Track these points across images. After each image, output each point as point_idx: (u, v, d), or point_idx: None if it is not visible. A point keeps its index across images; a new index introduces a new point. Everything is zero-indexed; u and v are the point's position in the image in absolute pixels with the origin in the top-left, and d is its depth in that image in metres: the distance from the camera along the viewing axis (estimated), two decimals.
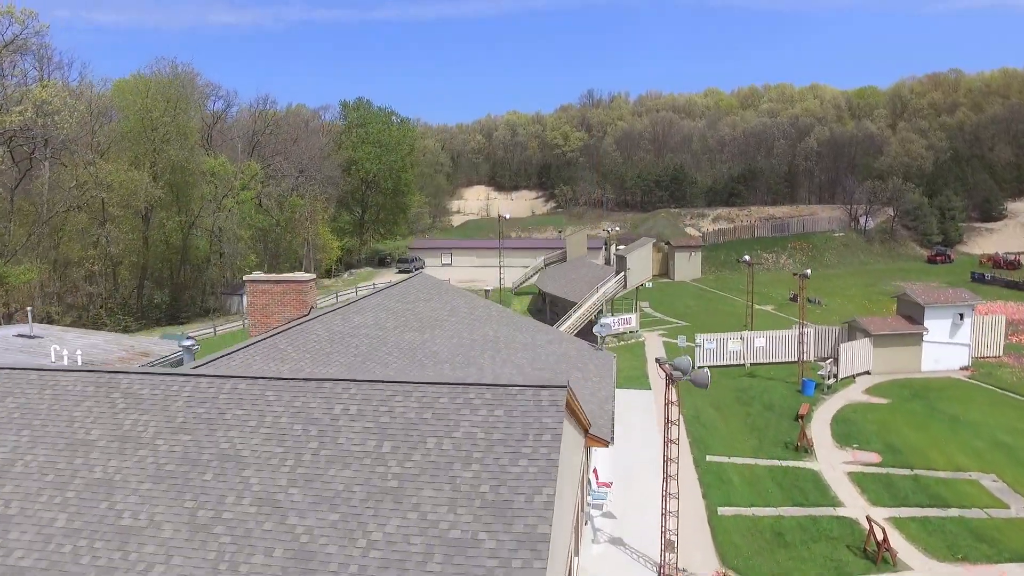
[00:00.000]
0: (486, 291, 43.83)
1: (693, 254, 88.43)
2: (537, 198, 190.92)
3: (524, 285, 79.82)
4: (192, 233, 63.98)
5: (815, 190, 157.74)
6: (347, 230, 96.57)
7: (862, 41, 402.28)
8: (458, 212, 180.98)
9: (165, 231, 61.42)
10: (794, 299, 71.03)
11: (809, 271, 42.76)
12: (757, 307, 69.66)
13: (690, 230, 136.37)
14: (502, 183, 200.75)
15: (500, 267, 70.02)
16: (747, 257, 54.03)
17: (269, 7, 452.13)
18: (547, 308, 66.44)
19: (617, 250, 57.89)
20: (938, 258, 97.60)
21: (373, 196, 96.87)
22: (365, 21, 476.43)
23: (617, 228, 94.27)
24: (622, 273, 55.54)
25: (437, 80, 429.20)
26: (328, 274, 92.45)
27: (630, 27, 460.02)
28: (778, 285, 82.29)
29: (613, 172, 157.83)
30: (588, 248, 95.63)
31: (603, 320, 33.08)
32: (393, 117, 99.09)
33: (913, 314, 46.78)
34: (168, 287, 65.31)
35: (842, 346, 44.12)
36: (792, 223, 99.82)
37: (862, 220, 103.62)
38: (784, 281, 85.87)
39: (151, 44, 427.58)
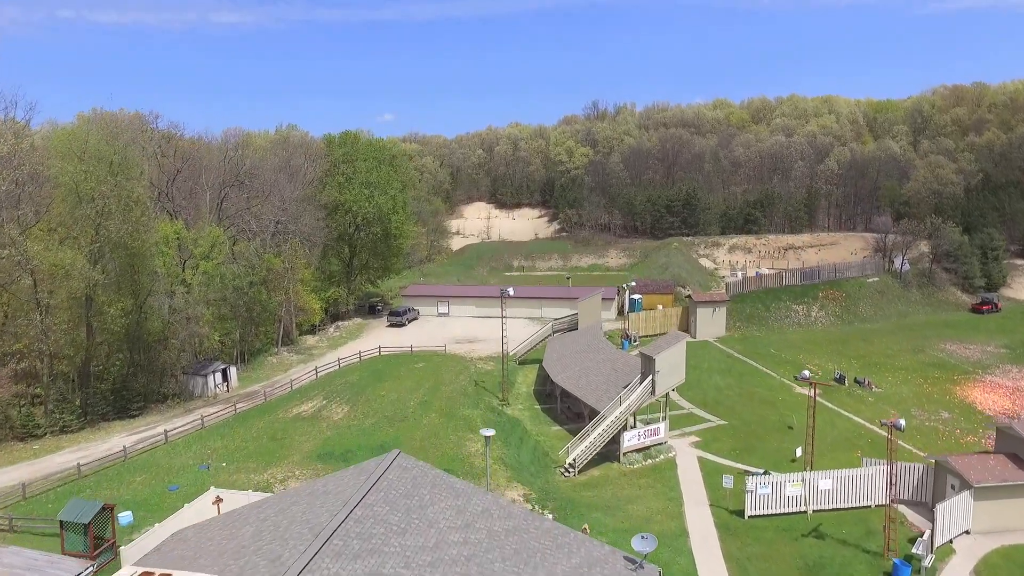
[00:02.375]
0: (486, 438, 34.08)
1: (717, 310, 78.51)
2: (540, 217, 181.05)
3: (530, 352, 69.97)
4: (144, 314, 54.17)
5: (834, 212, 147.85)
6: (334, 277, 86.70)
7: (865, 42, 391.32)
8: (457, 233, 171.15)
9: (109, 317, 51.57)
10: (840, 380, 61.17)
11: (903, 422, 32.77)
12: (797, 391, 59.95)
13: (704, 261, 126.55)
14: (503, 200, 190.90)
15: (503, 340, 60.07)
16: (806, 373, 44.08)
17: (272, 6, 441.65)
18: (558, 399, 56.55)
19: (643, 350, 47.86)
20: (984, 307, 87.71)
21: (363, 239, 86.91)
22: (366, 22, 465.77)
23: (633, 283, 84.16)
24: (649, 377, 45.70)
25: (438, 87, 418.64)
26: (313, 330, 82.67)
27: (635, 30, 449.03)
28: (816, 351, 72.36)
29: (621, 195, 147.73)
30: (602, 298, 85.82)
31: (641, 537, 23.56)
32: (384, 153, 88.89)
33: (1021, 453, 37.04)
34: (117, 376, 55.52)
35: (938, 508, 34.25)
36: (823, 270, 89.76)
37: (896, 262, 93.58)
38: (819, 342, 76.05)
39: (152, 44, 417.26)
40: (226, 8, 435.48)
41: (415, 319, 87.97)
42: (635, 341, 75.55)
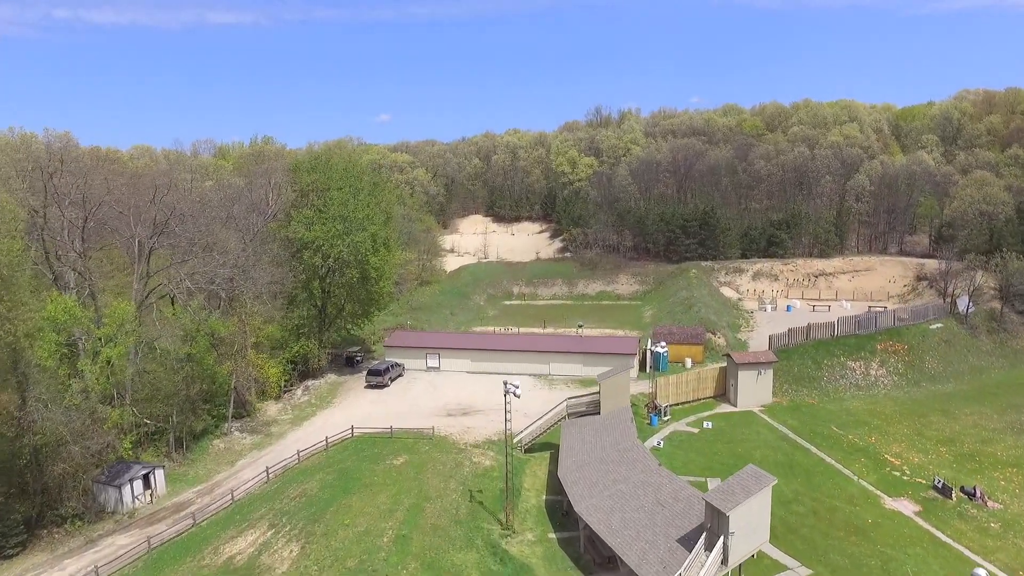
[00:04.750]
0: None
1: (763, 373, 63.99)
2: (541, 232, 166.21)
3: (540, 436, 55.29)
4: (21, 424, 39.43)
5: (863, 233, 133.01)
6: (303, 328, 71.77)
7: (868, 44, 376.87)
8: (452, 251, 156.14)
9: None
10: (944, 491, 46.50)
11: None
12: (888, 505, 45.44)
13: (726, 290, 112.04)
14: (501, 214, 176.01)
15: (508, 429, 45.29)
16: (981, 572, 29.45)
17: (270, 6, 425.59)
18: (580, 527, 41.72)
19: (708, 494, 33.21)
20: None
21: (337, 282, 72.12)
22: (364, 23, 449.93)
23: (663, 344, 69.54)
24: (720, 540, 31.24)
25: (435, 87, 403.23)
26: (278, 394, 67.84)
27: (634, 30, 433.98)
28: (888, 430, 57.79)
29: (631, 213, 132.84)
30: (620, 352, 71.36)
31: None
32: (362, 180, 73.63)
33: None
34: None
35: None
36: (880, 317, 75.09)
37: (961, 304, 79.18)
38: (889, 416, 61.47)
39: (150, 45, 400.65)
40: (223, 8, 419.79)
41: (399, 376, 73.19)
42: (665, 415, 60.98)
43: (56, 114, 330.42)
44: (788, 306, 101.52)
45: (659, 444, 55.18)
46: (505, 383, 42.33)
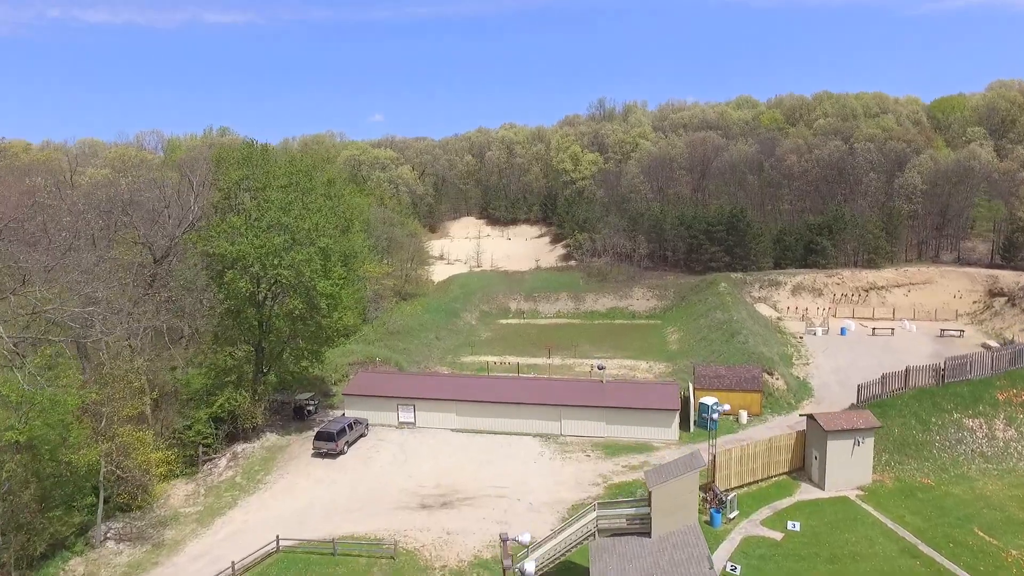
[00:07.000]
0: None
1: (861, 442, 45.10)
2: (541, 236, 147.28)
3: (558, 561, 36.00)
4: None
5: (909, 238, 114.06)
6: (231, 374, 52.38)
7: (869, 43, 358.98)
8: (441, 258, 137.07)
9: None
10: None
11: None
12: None
13: (762, 307, 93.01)
14: (496, 216, 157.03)
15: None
16: None
17: (265, 6, 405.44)
18: None
19: None
20: None
21: (277, 312, 52.86)
22: (361, 22, 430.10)
23: (726, 407, 50.12)
24: None
25: (431, 84, 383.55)
26: (194, 462, 48.53)
27: (633, 27, 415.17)
28: None
29: (646, 216, 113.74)
30: (656, 407, 52.35)
31: None
32: (313, 178, 54.15)
33: None
34: None
35: None
36: (998, 358, 55.95)
37: None
38: None
39: (146, 44, 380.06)
40: (219, 8, 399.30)
41: (360, 438, 53.94)
42: (732, 510, 41.83)
43: (54, 114, 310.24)
44: (842, 328, 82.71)
45: (733, 570, 36.10)
46: (503, 536, 23.00)
